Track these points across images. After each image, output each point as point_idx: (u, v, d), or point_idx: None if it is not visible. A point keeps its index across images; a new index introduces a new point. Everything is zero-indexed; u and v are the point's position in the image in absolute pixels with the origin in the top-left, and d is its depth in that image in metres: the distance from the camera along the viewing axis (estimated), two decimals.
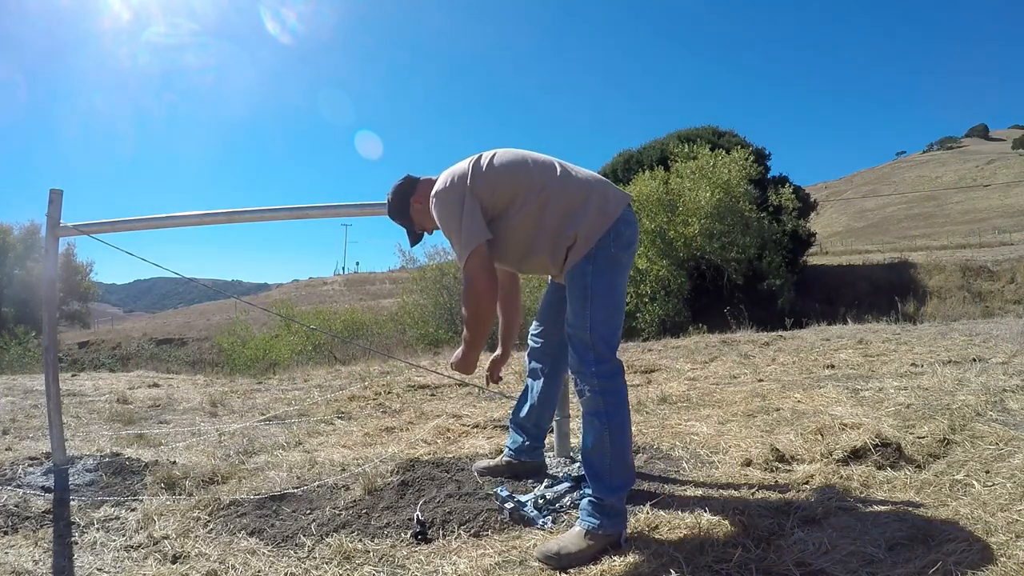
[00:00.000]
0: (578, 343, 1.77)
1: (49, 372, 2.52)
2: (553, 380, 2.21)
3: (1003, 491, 1.74)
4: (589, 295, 1.76)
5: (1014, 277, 23.07)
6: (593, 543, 1.62)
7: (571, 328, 1.79)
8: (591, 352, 1.75)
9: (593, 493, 1.71)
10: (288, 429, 3.46)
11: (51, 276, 2.57)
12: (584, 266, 1.78)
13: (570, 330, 1.80)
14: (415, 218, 1.99)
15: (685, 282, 18.30)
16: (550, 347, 2.18)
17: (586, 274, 1.77)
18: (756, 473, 2.12)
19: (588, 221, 1.78)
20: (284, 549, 1.78)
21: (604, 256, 1.79)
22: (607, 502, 1.68)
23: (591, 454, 1.75)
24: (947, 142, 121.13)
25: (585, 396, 1.75)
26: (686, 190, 18.36)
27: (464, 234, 1.74)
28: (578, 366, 1.77)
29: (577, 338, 1.77)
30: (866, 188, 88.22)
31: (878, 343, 4.96)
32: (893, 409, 2.69)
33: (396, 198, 1.99)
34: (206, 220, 2.56)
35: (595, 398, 1.73)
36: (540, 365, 2.21)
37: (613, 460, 1.72)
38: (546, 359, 2.19)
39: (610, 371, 1.75)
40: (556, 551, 1.60)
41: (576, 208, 1.79)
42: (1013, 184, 65.21)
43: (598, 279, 1.78)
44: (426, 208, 1.91)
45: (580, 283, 1.78)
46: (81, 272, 28.19)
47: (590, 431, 1.76)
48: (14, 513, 2.08)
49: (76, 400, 4.90)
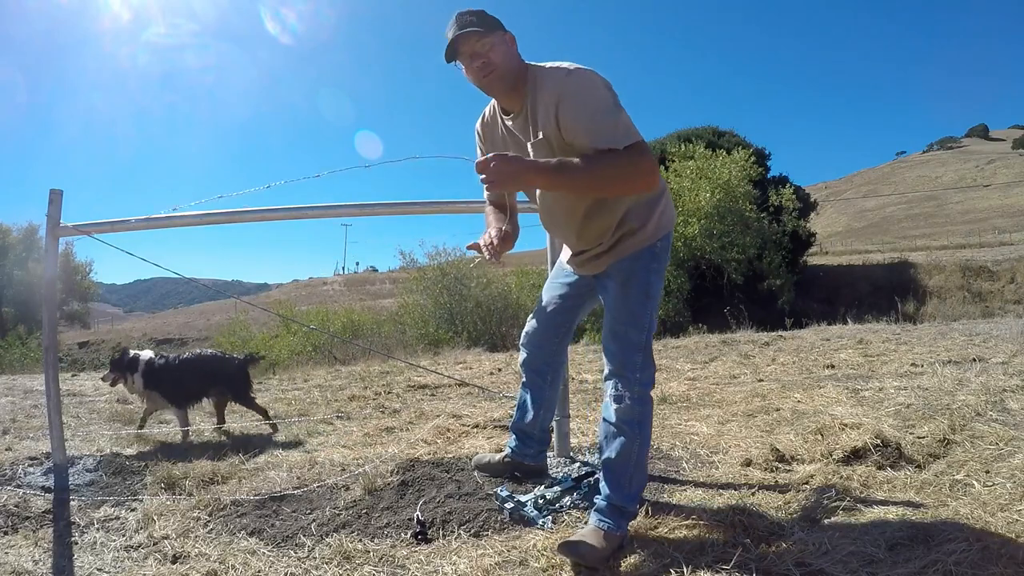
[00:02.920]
0: (628, 345, 1.66)
1: (49, 372, 2.52)
2: (556, 385, 2.14)
3: (1003, 491, 1.74)
4: (651, 293, 1.68)
5: (1014, 277, 23.07)
6: (608, 544, 1.59)
7: (623, 326, 1.67)
8: (640, 355, 1.66)
9: (612, 498, 1.66)
10: (288, 429, 3.46)
11: (51, 276, 2.57)
12: (649, 258, 1.68)
13: (620, 328, 1.68)
14: (497, 46, 1.60)
15: (685, 282, 18.30)
16: (548, 352, 2.07)
17: (651, 270, 1.68)
18: (756, 473, 2.12)
19: (666, 210, 1.71)
20: (284, 549, 1.78)
21: (665, 256, 1.72)
22: (628, 509, 1.66)
23: (616, 464, 1.67)
24: (947, 142, 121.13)
25: (624, 404, 1.64)
26: (686, 190, 18.36)
27: (625, 121, 1.53)
28: (621, 369, 1.66)
29: (628, 339, 1.66)
30: (866, 188, 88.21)
31: (878, 343, 4.96)
32: (893, 409, 2.69)
33: (488, 15, 1.63)
34: (206, 220, 2.56)
35: (634, 407, 1.64)
36: (542, 372, 2.10)
37: (636, 470, 1.67)
38: (547, 366, 2.09)
39: (652, 378, 1.69)
40: (579, 548, 1.55)
41: (658, 191, 1.70)
42: (1013, 184, 65.20)
43: (659, 278, 1.70)
44: (512, 50, 1.63)
45: (642, 278, 1.68)
46: (81, 272, 28.17)
47: (619, 440, 1.66)
48: (14, 513, 2.08)
49: (76, 400, 4.90)
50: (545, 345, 2.05)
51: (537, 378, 2.10)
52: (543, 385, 2.10)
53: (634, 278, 1.68)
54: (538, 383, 2.11)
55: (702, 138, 22.19)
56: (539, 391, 2.11)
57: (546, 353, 2.07)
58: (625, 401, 1.64)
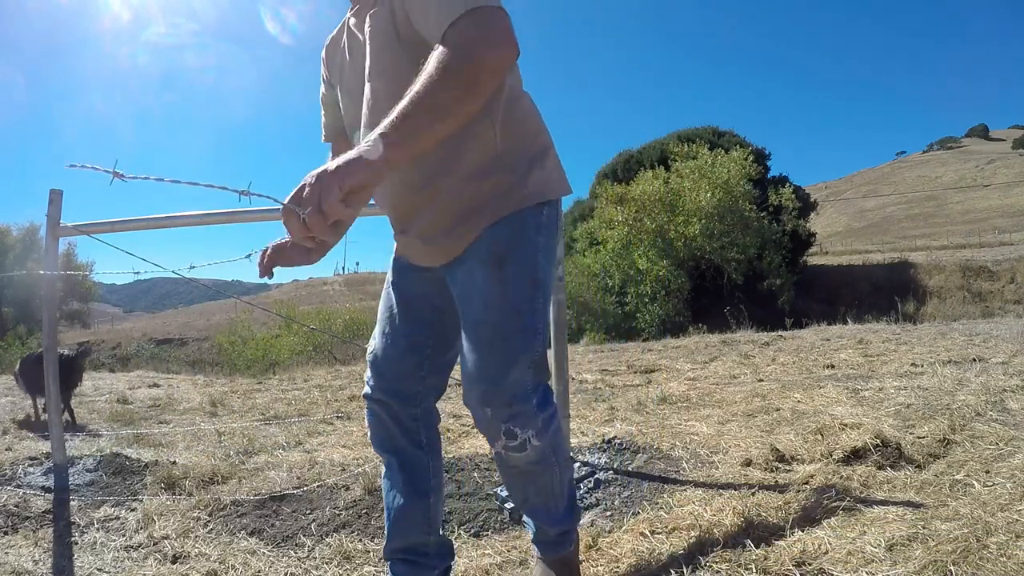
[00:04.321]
0: (511, 359, 1.10)
1: (49, 372, 2.52)
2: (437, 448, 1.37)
3: (1003, 491, 1.74)
4: (539, 279, 1.16)
5: (1014, 277, 23.07)
6: (566, 567, 1.37)
7: (500, 330, 1.11)
8: (531, 371, 1.13)
9: (549, 529, 1.34)
10: (288, 429, 3.46)
11: (51, 276, 2.58)
12: (534, 227, 1.16)
13: (496, 334, 1.11)
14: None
15: (685, 282, 18.30)
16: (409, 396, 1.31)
17: (536, 244, 1.16)
18: (756, 473, 2.12)
19: (556, 169, 1.23)
20: (284, 549, 1.79)
21: (554, 231, 1.24)
22: (569, 526, 1.36)
23: (540, 502, 1.30)
24: (947, 142, 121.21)
25: (529, 448, 1.14)
26: (686, 190, 18.37)
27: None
28: (509, 400, 1.10)
29: (512, 350, 1.10)
30: (866, 188, 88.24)
31: (878, 343, 4.96)
32: (893, 409, 2.69)
33: None
34: (206, 220, 2.56)
35: (542, 444, 1.16)
36: (411, 437, 1.31)
37: (568, 498, 1.34)
38: (417, 423, 1.31)
39: (551, 400, 1.20)
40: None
41: (539, 141, 1.21)
42: (1013, 184, 65.21)
43: (548, 259, 1.19)
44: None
45: (525, 254, 1.14)
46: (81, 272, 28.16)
47: (535, 481, 1.26)
48: (14, 513, 2.08)
49: (76, 400, 4.90)
50: (408, 380, 1.32)
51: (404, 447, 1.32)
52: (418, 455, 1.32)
53: (513, 254, 1.13)
54: (408, 454, 1.31)
55: (702, 138, 22.21)
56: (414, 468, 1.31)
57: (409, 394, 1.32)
58: (530, 444, 1.13)
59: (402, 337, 1.31)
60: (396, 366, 1.31)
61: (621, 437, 2.63)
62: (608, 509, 1.95)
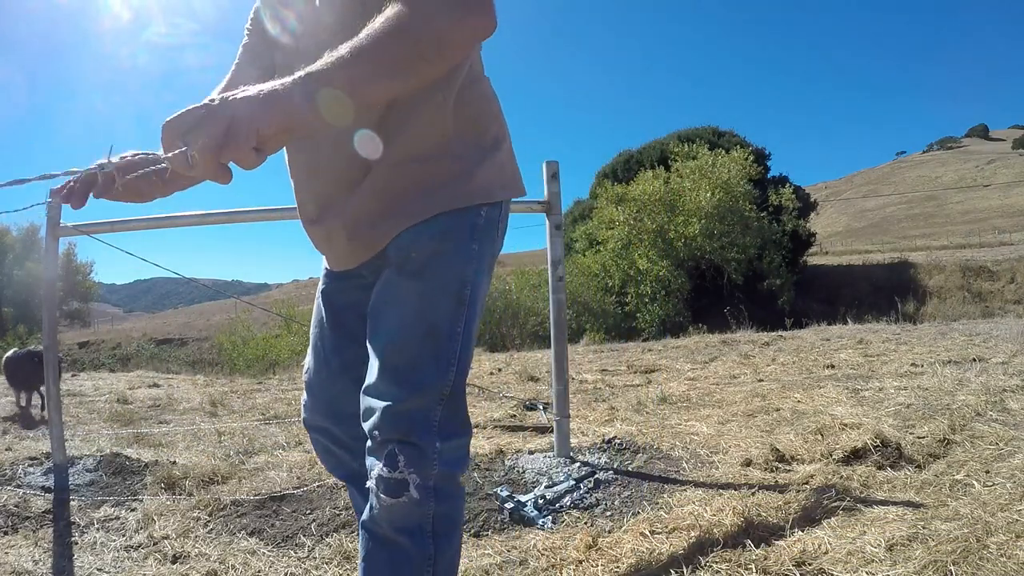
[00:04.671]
0: (418, 388, 0.91)
1: (49, 372, 2.52)
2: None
3: (1003, 491, 1.74)
4: (467, 298, 0.96)
5: (1014, 277, 23.06)
6: None
7: (409, 351, 0.93)
8: (440, 406, 0.93)
9: None
10: (288, 429, 3.46)
11: (51, 276, 2.58)
12: (469, 230, 0.97)
13: (403, 355, 0.93)
14: None
15: (685, 282, 18.30)
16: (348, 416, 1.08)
17: (468, 254, 0.96)
18: (756, 473, 2.12)
19: (508, 164, 1.06)
20: (284, 549, 1.79)
21: (494, 237, 1.02)
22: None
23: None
24: (947, 142, 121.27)
25: (403, 496, 0.89)
26: (686, 190, 18.38)
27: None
28: (407, 429, 0.90)
29: (421, 375, 0.92)
30: (866, 188, 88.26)
31: (878, 343, 4.96)
32: (893, 409, 2.69)
33: None
34: (206, 220, 2.56)
35: (422, 512, 0.90)
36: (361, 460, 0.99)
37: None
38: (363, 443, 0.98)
39: (465, 451, 0.97)
40: None
41: (493, 131, 1.05)
42: (1013, 184, 65.24)
43: (483, 272, 0.99)
44: None
45: (453, 267, 0.95)
46: (81, 272, 28.19)
47: (391, 568, 0.92)
48: (14, 513, 2.08)
49: (76, 400, 4.91)
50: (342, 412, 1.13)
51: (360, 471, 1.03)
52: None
53: (438, 262, 0.94)
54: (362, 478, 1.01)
55: (702, 138, 22.22)
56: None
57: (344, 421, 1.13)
58: (408, 492, 0.89)
59: (333, 355, 1.13)
60: (330, 387, 1.14)
61: (621, 437, 2.63)
62: (608, 509, 1.95)
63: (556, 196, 2.40)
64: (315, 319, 1.17)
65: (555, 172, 2.42)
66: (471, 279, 0.97)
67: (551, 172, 2.42)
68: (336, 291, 1.14)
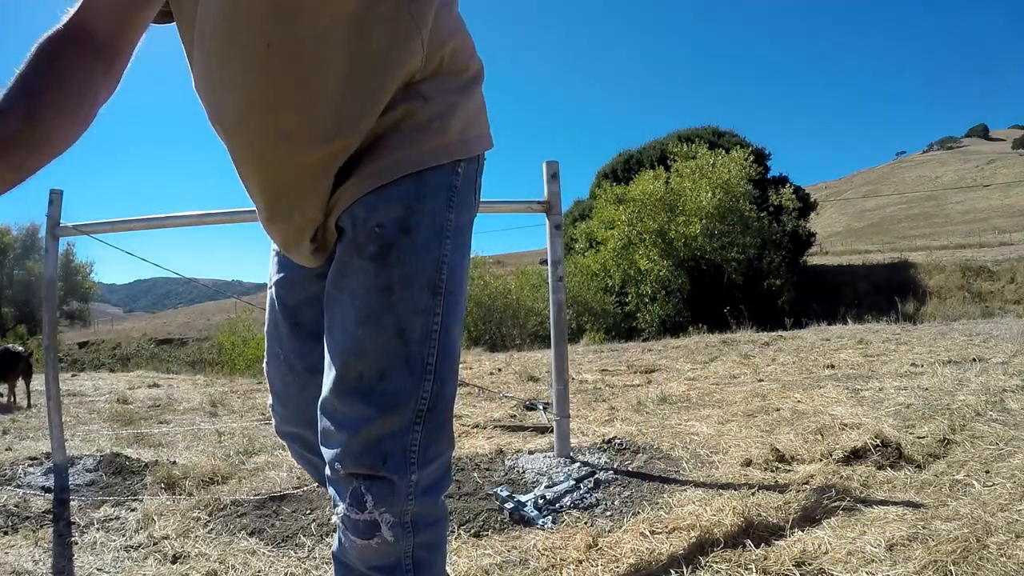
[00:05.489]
0: (389, 403, 0.74)
1: (49, 372, 2.52)
2: None
3: (1003, 491, 1.74)
4: (444, 285, 0.78)
5: (1014, 277, 23.06)
6: None
7: (371, 360, 0.74)
8: (424, 433, 0.76)
9: None
10: None
11: (51, 276, 2.57)
12: (443, 201, 0.78)
13: (363, 364, 0.74)
14: None
15: (685, 282, 18.31)
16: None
17: (445, 228, 0.78)
18: (756, 473, 2.12)
19: (482, 106, 0.87)
20: (284, 549, 1.78)
21: (473, 199, 0.85)
22: None
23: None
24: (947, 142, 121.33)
25: (374, 538, 0.75)
26: (686, 190, 18.38)
27: None
28: (375, 461, 0.74)
29: (388, 393, 0.74)
30: (866, 188, 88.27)
31: (878, 343, 4.96)
32: (893, 409, 2.70)
33: None
34: (206, 220, 2.56)
35: (399, 541, 0.76)
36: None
37: None
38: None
39: (445, 468, 0.81)
40: None
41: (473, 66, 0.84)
42: (1013, 184, 65.24)
43: (461, 249, 0.81)
44: None
45: (428, 242, 0.76)
46: (81, 272, 28.19)
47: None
48: (14, 513, 2.08)
49: (76, 400, 4.91)
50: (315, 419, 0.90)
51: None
52: None
53: (406, 241, 0.75)
54: None
55: (702, 138, 22.20)
56: None
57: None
58: (380, 533, 0.74)
59: (297, 360, 0.97)
60: (298, 394, 0.99)
61: (621, 437, 2.63)
62: (608, 509, 1.95)
63: (556, 196, 2.40)
64: (269, 319, 1.02)
65: (555, 172, 2.42)
66: (448, 259, 0.77)
67: (551, 172, 2.42)
68: (288, 284, 0.98)
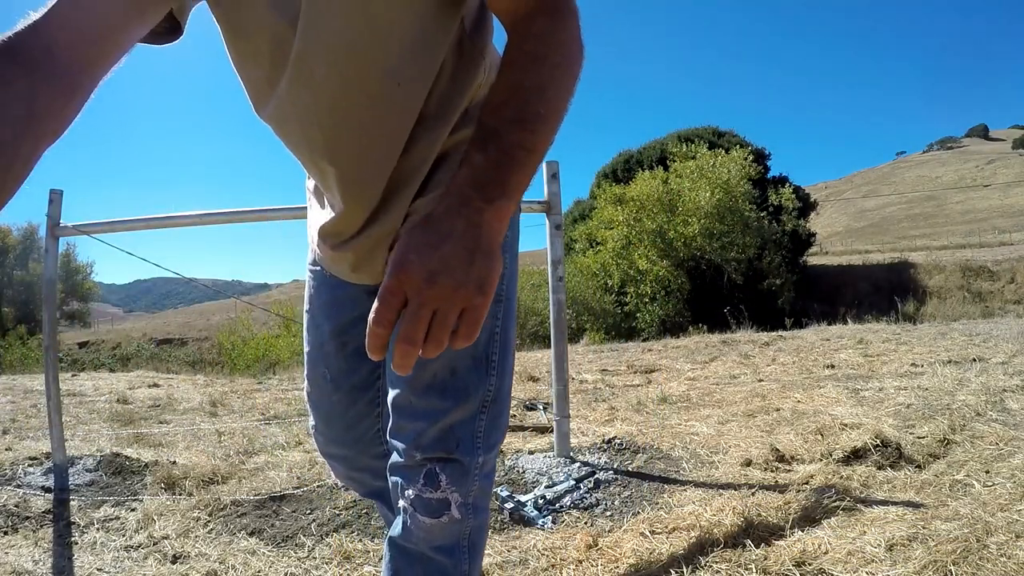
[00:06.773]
0: (461, 396, 0.83)
1: (49, 372, 2.52)
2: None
3: (1003, 491, 1.74)
4: (504, 291, 0.86)
5: (1014, 277, 23.05)
6: None
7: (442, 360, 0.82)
8: (488, 424, 0.86)
9: None
10: (288, 429, 3.46)
11: (51, 276, 2.57)
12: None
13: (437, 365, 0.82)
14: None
15: (685, 282, 18.30)
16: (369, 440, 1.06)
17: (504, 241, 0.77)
18: (756, 473, 2.12)
19: None
20: (284, 549, 1.79)
21: (518, 214, 0.96)
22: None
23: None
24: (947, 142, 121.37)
25: (444, 516, 0.83)
26: (686, 190, 18.37)
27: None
28: (452, 446, 0.83)
29: (459, 388, 0.83)
30: (866, 188, 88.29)
31: (878, 343, 4.96)
32: (893, 409, 2.70)
33: None
34: (206, 220, 2.56)
35: (463, 520, 0.85)
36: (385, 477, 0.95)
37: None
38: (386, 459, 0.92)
39: (496, 458, 0.91)
40: None
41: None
42: (1013, 184, 65.25)
43: (515, 259, 0.91)
44: None
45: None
46: (81, 272, 28.19)
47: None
48: (14, 513, 2.08)
49: (76, 400, 4.90)
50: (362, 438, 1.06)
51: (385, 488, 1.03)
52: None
53: None
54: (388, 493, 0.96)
55: (702, 138, 22.20)
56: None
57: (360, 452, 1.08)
58: (449, 511, 0.83)
59: (343, 378, 1.00)
60: (344, 412, 1.03)
61: (621, 437, 2.63)
62: (608, 509, 1.95)
63: (556, 196, 2.40)
64: (312, 339, 1.02)
65: (555, 172, 2.42)
66: (507, 269, 0.84)
67: (551, 172, 2.42)
68: (336, 304, 0.98)
